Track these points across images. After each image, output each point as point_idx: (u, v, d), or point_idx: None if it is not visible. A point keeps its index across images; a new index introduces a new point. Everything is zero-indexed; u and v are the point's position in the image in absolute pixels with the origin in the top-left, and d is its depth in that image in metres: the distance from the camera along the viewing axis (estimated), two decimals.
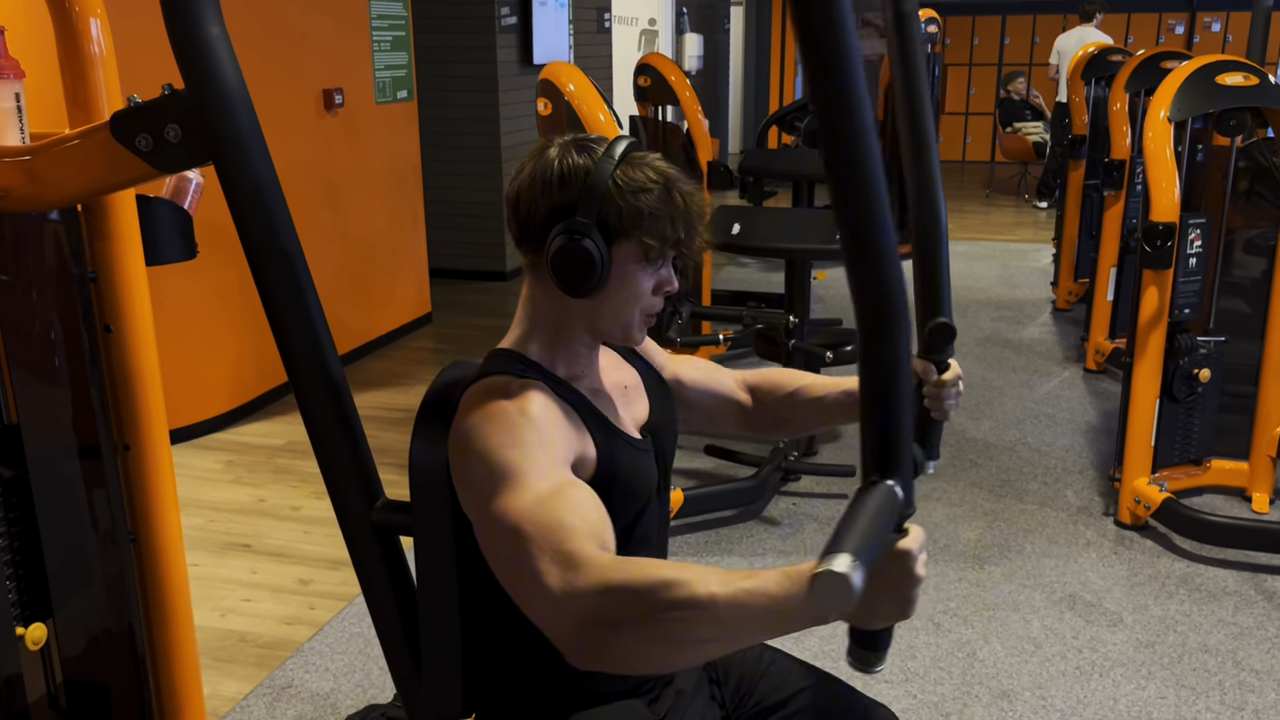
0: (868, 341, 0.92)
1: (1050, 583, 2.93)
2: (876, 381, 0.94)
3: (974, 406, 4.31)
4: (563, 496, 1.09)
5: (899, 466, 0.94)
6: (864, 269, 0.91)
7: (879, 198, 0.89)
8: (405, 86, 5.24)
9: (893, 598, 0.94)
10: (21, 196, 1.45)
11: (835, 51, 0.83)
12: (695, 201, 1.25)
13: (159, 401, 1.83)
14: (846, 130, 0.86)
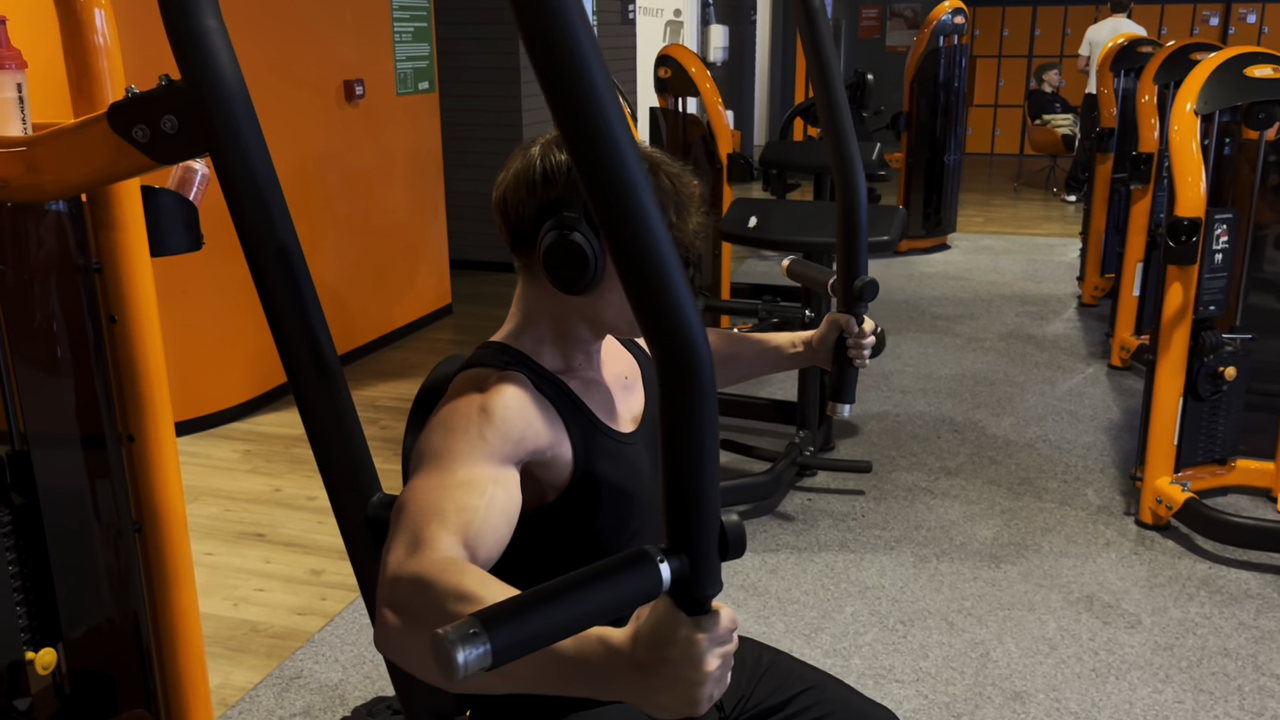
0: (667, 405, 0.80)
1: (1068, 583, 2.89)
2: (672, 441, 0.82)
3: (994, 403, 4.26)
4: (465, 488, 1.06)
5: (693, 541, 0.82)
6: (650, 305, 0.78)
7: (661, 242, 0.77)
8: (427, 78, 5.24)
9: (675, 691, 0.83)
10: (21, 187, 1.45)
11: (572, 67, 0.73)
12: (683, 183, 1.23)
13: (164, 392, 1.84)
14: (606, 161, 0.75)
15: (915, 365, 4.73)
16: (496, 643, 0.73)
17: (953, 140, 6.92)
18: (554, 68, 0.73)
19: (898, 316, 5.51)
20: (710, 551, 0.83)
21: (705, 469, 0.81)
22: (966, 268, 6.64)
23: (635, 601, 0.82)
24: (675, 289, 0.78)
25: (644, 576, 0.81)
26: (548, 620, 0.77)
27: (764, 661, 1.51)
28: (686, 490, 0.82)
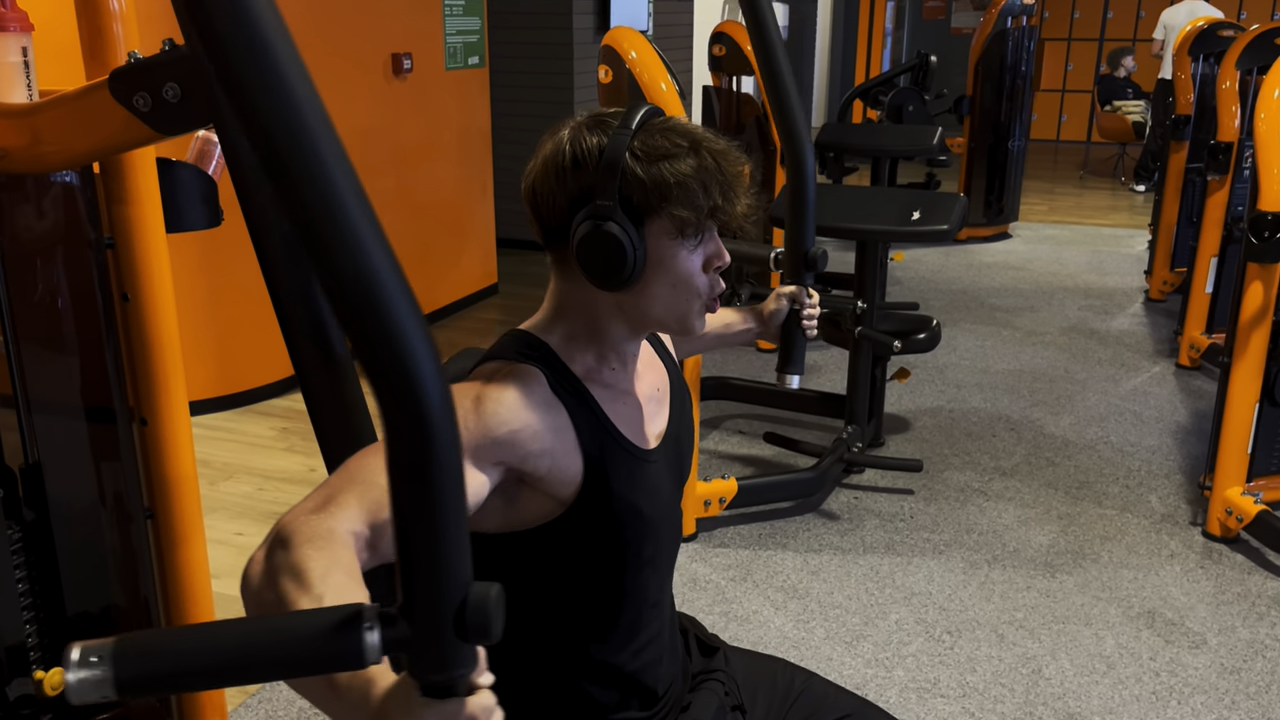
0: (391, 445, 0.68)
1: (1127, 596, 2.73)
2: (401, 494, 0.69)
3: (1054, 400, 4.08)
4: None
5: (413, 612, 0.70)
6: (367, 346, 0.66)
7: (371, 251, 0.64)
8: (477, 52, 5.14)
9: None
10: (24, 157, 1.37)
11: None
12: (730, 161, 1.11)
13: (179, 374, 1.76)
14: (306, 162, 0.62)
15: (972, 359, 4.56)
16: (120, 675, 0.68)
17: (1017, 126, 6.69)
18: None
19: (955, 307, 5.33)
20: (440, 627, 0.70)
21: (438, 525, 0.68)
22: (1028, 258, 6.42)
23: (330, 666, 0.70)
24: (392, 309, 0.65)
25: (343, 640, 0.69)
26: (192, 665, 0.70)
27: (797, 685, 1.40)
28: (414, 548, 0.69)
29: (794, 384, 1.80)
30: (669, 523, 1.23)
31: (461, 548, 0.71)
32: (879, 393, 3.55)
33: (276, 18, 0.62)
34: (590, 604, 1.19)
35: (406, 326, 0.66)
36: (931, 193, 3.16)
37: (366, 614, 0.69)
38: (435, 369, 0.67)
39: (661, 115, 1.14)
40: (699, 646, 1.39)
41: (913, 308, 4.95)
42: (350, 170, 0.64)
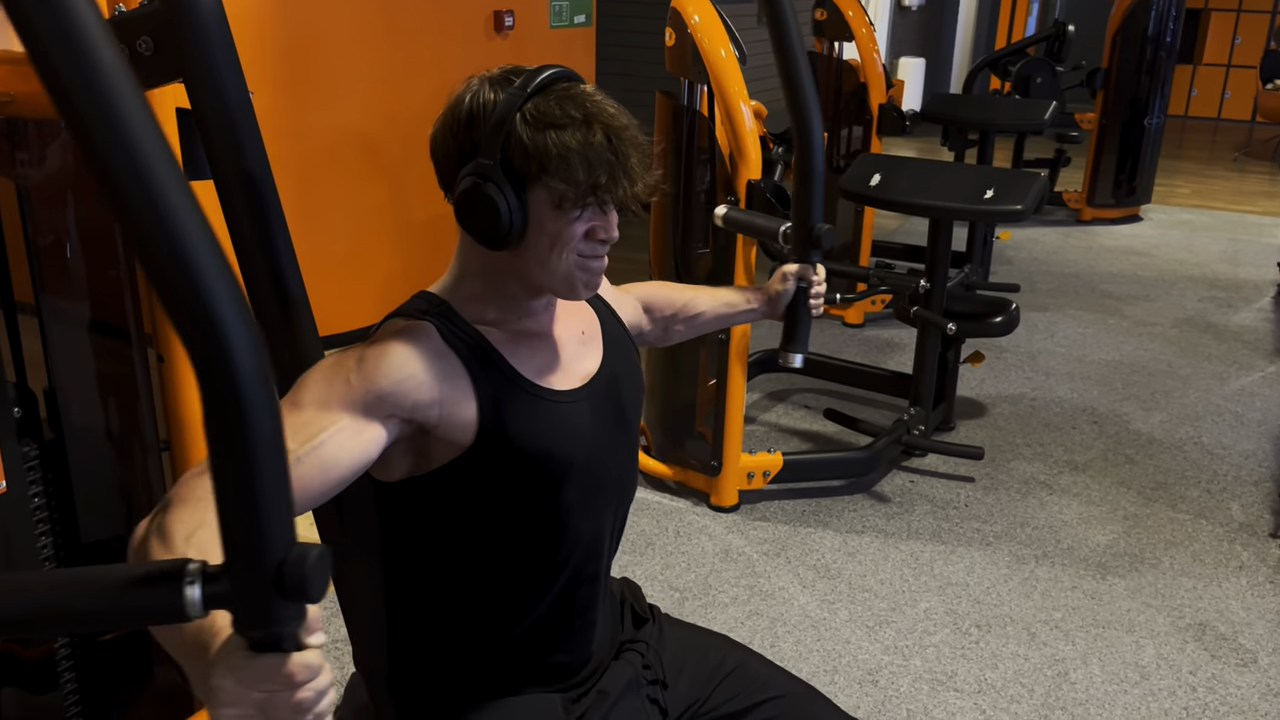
0: (206, 399, 0.68)
1: (1180, 605, 2.59)
2: (217, 458, 0.70)
3: (1148, 395, 3.87)
4: (297, 430, 1.01)
5: (233, 568, 0.71)
6: (169, 290, 0.65)
7: (174, 205, 0.64)
8: (584, 11, 5.15)
9: (203, 690, 0.76)
10: (27, 103, 1.46)
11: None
12: (623, 140, 1.09)
13: None
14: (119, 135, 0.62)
15: (1068, 346, 4.37)
16: None
17: (1156, 102, 6.30)
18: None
19: (1063, 291, 5.10)
20: (260, 584, 0.71)
21: (253, 480, 0.69)
22: (1155, 243, 6.08)
23: (151, 619, 0.73)
24: (194, 257, 0.65)
25: (164, 595, 0.70)
26: (17, 613, 0.71)
27: (729, 663, 1.39)
28: (231, 505, 0.70)
29: (797, 363, 1.77)
30: (600, 466, 1.22)
31: (282, 507, 0.72)
32: (950, 375, 3.44)
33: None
34: (517, 551, 1.19)
35: (219, 301, 0.67)
36: (1010, 171, 3.02)
37: (189, 569, 0.72)
38: (247, 337, 0.69)
39: (571, 81, 1.12)
40: (633, 616, 1.40)
41: (1013, 290, 4.76)
42: (171, 162, 0.65)
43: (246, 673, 0.73)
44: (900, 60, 9.16)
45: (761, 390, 3.83)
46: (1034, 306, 4.84)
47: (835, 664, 2.35)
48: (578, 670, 1.27)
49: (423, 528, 1.19)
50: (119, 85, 0.64)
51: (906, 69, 9.07)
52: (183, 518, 0.89)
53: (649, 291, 1.57)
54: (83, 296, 1.72)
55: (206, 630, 0.79)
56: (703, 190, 2.90)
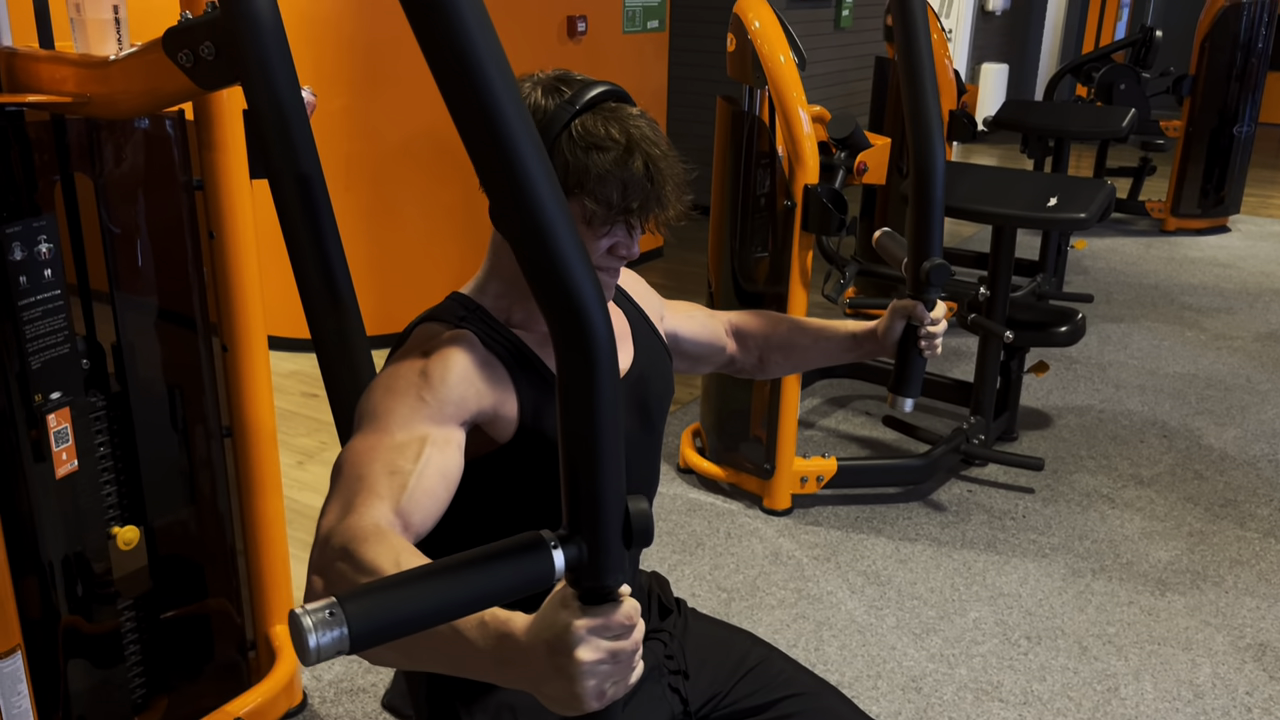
0: (562, 377, 0.78)
1: (1241, 625, 2.53)
2: (570, 421, 0.79)
3: (1223, 410, 3.77)
4: (399, 452, 1.04)
5: (585, 527, 0.79)
6: (547, 284, 0.76)
7: (550, 210, 0.74)
8: (657, 16, 5.20)
9: (558, 682, 0.80)
10: (102, 104, 1.55)
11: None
12: (661, 169, 1.12)
13: (258, 307, 1.93)
14: (489, 107, 0.73)
15: (1141, 358, 4.27)
16: (355, 628, 0.70)
17: (1247, 109, 6.12)
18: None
19: (1140, 302, 4.98)
20: (611, 538, 0.79)
21: (604, 448, 0.78)
22: (1242, 255, 5.90)
23: (524, 588, 0.78)
24: (567, 259, 0.75)
25: (534, 562, 0.77)
26: (416, 606, 0.73)
27: (752, 658, 1.41)
28: (583, 470, 0.79)
29: (906, 407, 1.62)
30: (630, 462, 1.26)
31: (621, 467, 0.81)
32: (1014, 385, 3.40)
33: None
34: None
35: (582, 286, 0.76)
36: (1076, 179, 2.98)
37: (546, 538, 0.79)
38: (605, 324, 0.78)
39: (619, 100, 1.14)
40: (659, 608, 1.43)
41: (1086, 300, 4.66)
42: (538, 144, 0.75)
43: (598, 624, 0.79)
44: (983, 66, 9.02)
45: (822, 396, 3.82)
46: (1108, 318, 4.74)
47: (879, 669, 2.35)
48: None
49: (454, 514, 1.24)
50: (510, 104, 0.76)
51: (988, 75, 8.93)
52: (379, 551, 0.90)
53: (744, 318, 1.57)
54: (152, 287, 1.82)
55: (497, 623, 0.83)
56: (762, 194, 2.91)
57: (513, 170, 0.74)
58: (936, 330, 1.52)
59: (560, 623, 0.79)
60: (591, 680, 0.79)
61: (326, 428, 3.45)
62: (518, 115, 0.74)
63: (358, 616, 0.70)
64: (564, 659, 0.79)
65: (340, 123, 3.96)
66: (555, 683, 0.80)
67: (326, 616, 0.69)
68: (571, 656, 0.79)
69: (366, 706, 2.21)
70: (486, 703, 1.27)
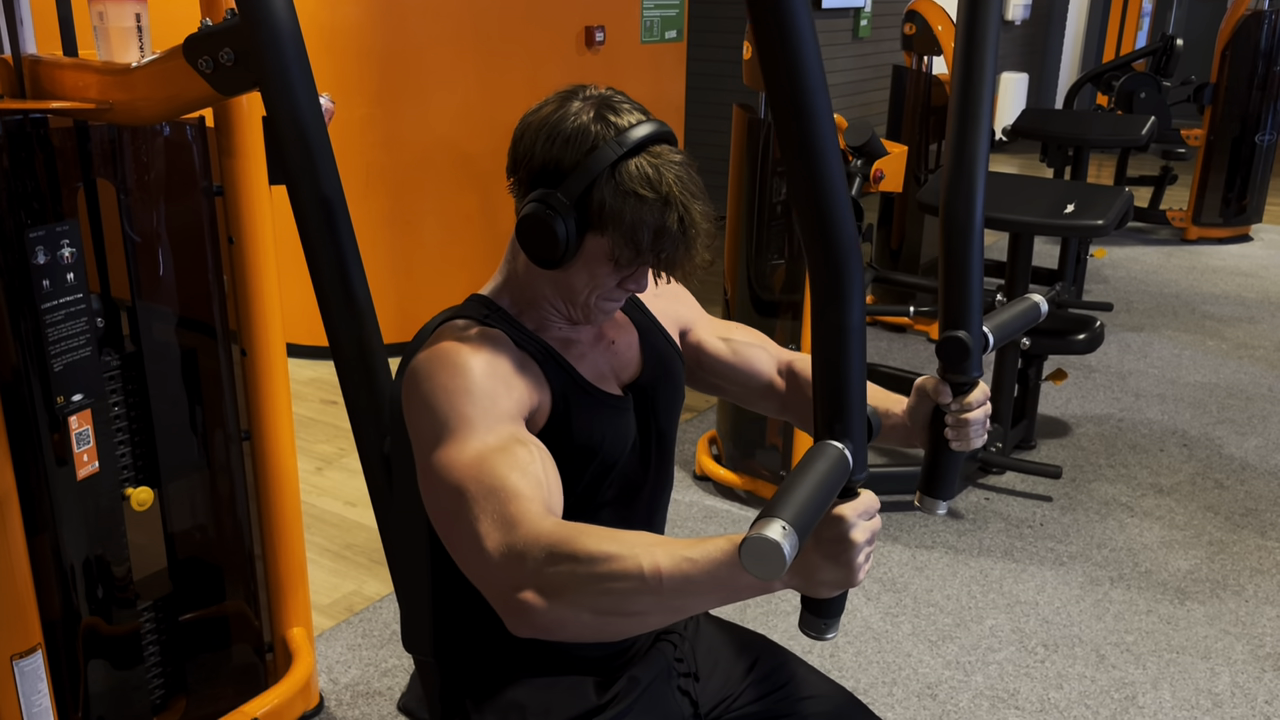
0: (818, 300, 0.93)
1: (1261, 634, 2.51)
2: (826, 341, 0.94)
3: (1244, 420, 3.74)
4: (509, 454, 1.05)
5: (849, 429, 0.94)
6: (813, 222, 0.91)
7: (830, 144, 0.88)
8: (675, 26, 5.22)
9: (832, 565, 0.93)
10: (125, 111, 1.57)
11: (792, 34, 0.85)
12: (694, 225, 1.12)
13: (275, 310, 1.96)
14: (799, 84, 0.86)
15: (1161, 368, 4.24)
16: (799, 528, 0.84)
17: (1269, 118, 6.08)
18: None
19: (1160, 311, 4.95)
20: (862, 437, 0.96)
21: (854, 363, 0.94)
22: (1264, 264, 5.85)
23: (838, 487, 0.92)
24: (835, 196, 0.90)
25: (842, 462, 0.93)
26: (812, 507, 0.87)
27: (764, 662, 1.41)
28: (841, 382, 0.94)
29: (940, 510, 1.31)
30: (633, 472, 1.27)
31: (864, 381, 0.99)
32: (1032, 393, 3.38)
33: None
34: None
35: (841, 211, 0.91)
36: (1093, 186, 2.97)
37: (833, 445, 0.94)
38: (856, 252, 0.94)
39: (666, 144, 1.14)
40: None
41: (1106, 308, 4.63)
42: (827, 106, 0.88)
43: (862, 509, 0.95)
44: (1002, 76, 9.01)
45: None
46: (1128, 326, 4.71)
47: (894, 676, 2.34)
48: (604, 658, 1.31)
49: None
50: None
51: (1008, 84, 8.92)
52: (589, 538, 0.97)
53: (802, 362, 1.45)
54: (173, 291, 1.84)
55: (721, 559, 0.93)
56: (778, 202, 2.92)
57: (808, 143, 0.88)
58: (969, 418, 1.23)
59: (834, 515, 0.93)
60: (862, 556, 0.94)
61: (345, 434, 3.47)
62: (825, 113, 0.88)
63: (796, 524, 0.85)
64: (840, 545, 0.93)
65: (360, 132, 4.00)
66: (830, 568, 0.94)
67: (782, 529, 0.84)
68: (848, 540, 0.92)
69: (382, 709, 2.22)
70: (496, 702, 1.27)
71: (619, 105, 1.15)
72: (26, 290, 1.60)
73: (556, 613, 0.97)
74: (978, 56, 1.25)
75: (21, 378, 1.62)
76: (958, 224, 1.25)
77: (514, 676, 1.29)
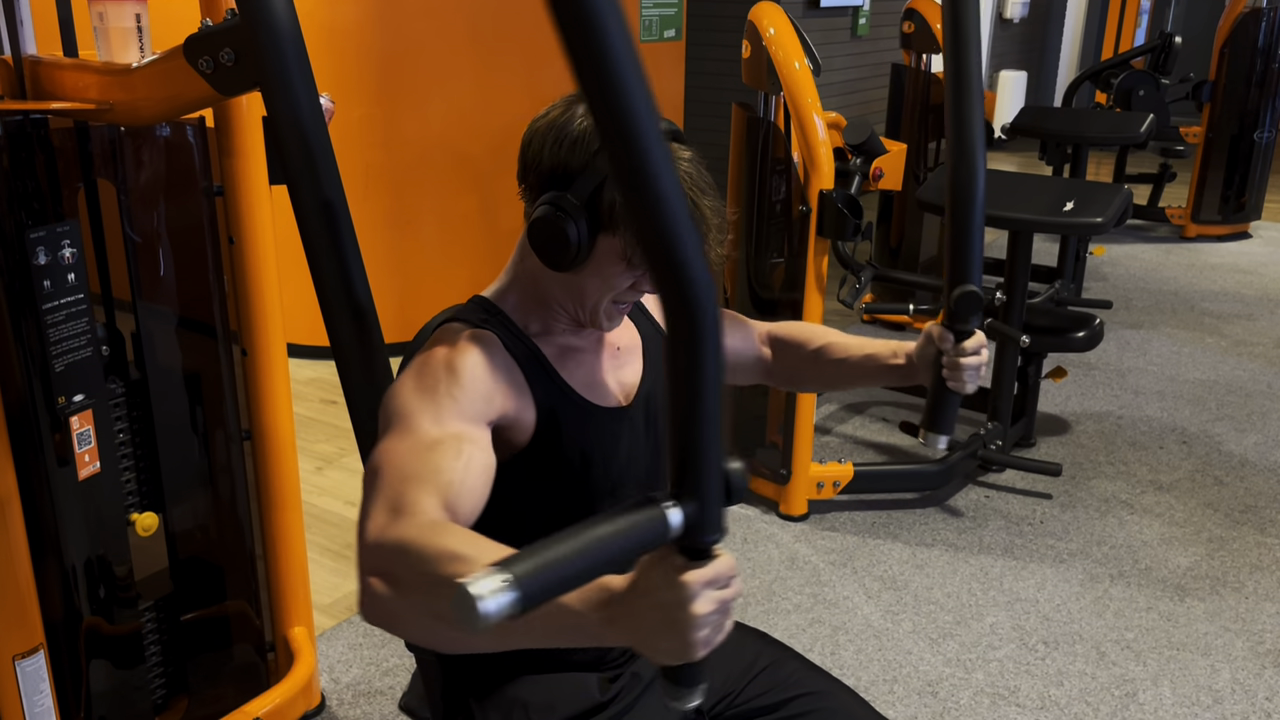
0: (671, 350, 0.81)
1: (1261, 630, 2.51)
2: (676, 390, 0.83)
3: (1243, 416, 3.75)
4: (438, 449, 1.04)
5: (698, 488, 0.83)
6: (662, 262, 0.79)
7: (664, 170, 0.76)
8: (674, 25, 5.22)
9: (669, 633, 0.83)
10: (125, 111, 1.57)
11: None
12: (706, 219, 1.13)
13: (276, 310, 1.96)
14: (632, 103, 0.76)
15: (1160, 365, 4.25)
16: (524, 590, 0.74)
17: (1268, 115, 6.08)
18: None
19: (1159, 309, 4.96)
20: (714, 498, 0.84)
21: (707, 414, 0.83)
22: (1263, 261, 5.86)
23: (643, 548, 0.83)
24: (678, 229, 0.78)
25: (652, 523, 0.82)
26: (567, 567, 0.78)
27: (764, 659, 1.41)
28: (690, 435, 0.84)
29: (941, 445, 1.45)
30: (630, 479, 1.28)
31: (720, 432, 0.85)
32: (1031, 390, 3.39)
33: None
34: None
35: (693, 264, 0.79)
36: (1092, 183, 2.97)
37: (660, 500, 0.83)
38: (710, 291, 0.81)
39: (674, 140, 1.14)
40: None
41: (1105, 306, 4.65)
42: (655, 115, 0.78)
43: (709, 578, 0.83)
44: (1001, 74, 9.01)
45: (838, 402, 3.82)
46: (1127, 324, 4.72)
47: (895, 674, 2.35)
48: (607, 654, 1.32)
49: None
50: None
51: (1006, 83, 8.91)
52: (450, 537, 0.91)
53: (782, 328, 1.53)
54: (173, 291, 1.84)
55: (603, 594, 0.86)
56: (778, 201, 2.93)
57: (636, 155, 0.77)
58: (967, 363, 1.36)
59: (675, 580, 0.83)
60: (704, 630, 0.83)
61: (345, 434, 3.47)
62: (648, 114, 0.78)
63: (525, 580, 0.74)
64: (679, 613, 0.82)
65: (360, 132, 4.00)
66: (668, 636, 0.83)
67: (497, 583, 0.73)
68: (688, 610, 0.82)
69: (384, 709, 2.22)
70: (499, 699, 1.28)
71: None
72: (28, 291, 1.60)
73: (394, 604, 0.91)
74: (965, 35, 1.41)
75: (22, 378, 1.63)
76: (963, 194, 1.38)
77: (516, 674, 1.29)
